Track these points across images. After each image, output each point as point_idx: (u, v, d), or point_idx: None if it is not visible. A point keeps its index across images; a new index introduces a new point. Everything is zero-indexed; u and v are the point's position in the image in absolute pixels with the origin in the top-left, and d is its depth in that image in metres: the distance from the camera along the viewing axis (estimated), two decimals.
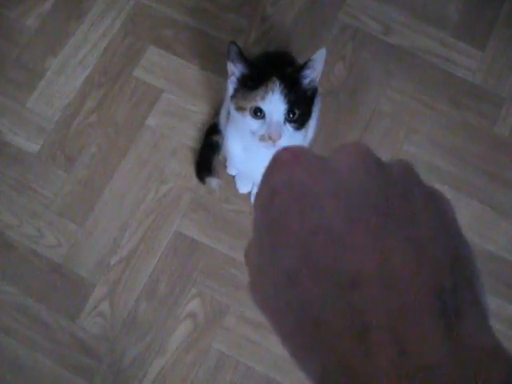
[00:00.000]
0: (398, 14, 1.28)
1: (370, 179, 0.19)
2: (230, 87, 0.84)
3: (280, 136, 0.78)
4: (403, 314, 0.16)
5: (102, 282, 1.15)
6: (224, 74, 1.22)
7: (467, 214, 1.18)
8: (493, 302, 1.14)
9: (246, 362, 1.11)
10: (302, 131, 0.84)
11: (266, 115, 0.79)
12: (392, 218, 0.18)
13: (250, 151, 0.90)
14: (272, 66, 0.89)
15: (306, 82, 0.82)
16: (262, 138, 0.80)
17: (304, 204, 0.19)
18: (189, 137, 1.22)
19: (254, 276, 0.22)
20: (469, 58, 1.26)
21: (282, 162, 0.21)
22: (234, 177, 1.19)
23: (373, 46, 1.27)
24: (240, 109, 0.81)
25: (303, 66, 0.80)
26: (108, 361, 1.12)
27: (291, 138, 0.81)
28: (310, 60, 0.80)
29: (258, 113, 0.80)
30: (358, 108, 1.23)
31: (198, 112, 1.23)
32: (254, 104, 0.79)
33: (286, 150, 0.21)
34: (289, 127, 0.80)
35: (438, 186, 1.19)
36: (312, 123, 0.90)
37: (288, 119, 0.80)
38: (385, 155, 1.20)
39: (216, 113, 1.20)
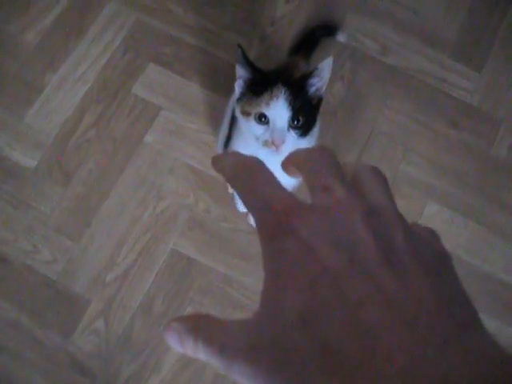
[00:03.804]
0: (396, 35, 1.29)
1: (361, 220, 0.21)
2: (237, 90, 0.84)
3: (283, 142, 0.79)
4: (408, 329, 0.17)
5: (98, 299, 1.15)
6: (223, 93, 1.23)
7: (464, 235, 1.18)
8: (490, 324, 1.13)
9: None
10: (307, 138, 0.84)
11: (270, 121, 0.80)
12: (387, 254, 0.20)
13: None
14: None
15: (311, 90, 0.82)
16: (266, 144, 0.80)
17: (306, 251, 0.20)
18: (187, 154, 1.22)
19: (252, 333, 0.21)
20: (466, 79, 1.27)
21: (281, 212, 0.22)
22: (232, 195, 1.19)
23: (371, 66, 1.27)
24: (245, 113, 0.82)
25: (310, 74, 0.80)
26: (102, 379, 1.11)
27: (295, 144, 0.81)
28: (316, 68, 0.80)
29: (262, 118, 0.80)
30: (356, 127, 1.24)
31: (197, 130, 1.23)
32: (258, 110, 0.79)
33: (280, 199, 0.22)
34: (293, 134, 0.80)
35: (435, 206, 1.20)
36: (316, 131, 0.90)
37: (292, 126, 0.80)
38: None
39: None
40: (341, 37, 1.26)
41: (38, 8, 1.31)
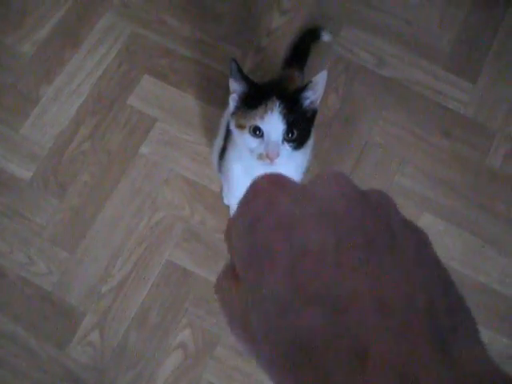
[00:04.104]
0: (391, 47, 1.30)
1: (351, 205, 0.19)
2: (231, 104, 0.84)
3: (277, 155, 0.79)
4: (400, 337, 0.16)
5: (93, 310, 1.14)
6: (218, 105, 1.24)
7: (459, 246, 1.18)
8: (485, 335, 1.13)
9: None
10: (302, 151, 0.84)
11: (265, 134, 0.80)
12: (377, 243, 0.18)
13: (251, 172, 0.90)
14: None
15: (306, 103, 0.82)
16: (260, 157, 0.80)
17: (288, 228, 0.18)
18: (182, 166, 1.22)
19: (234, 310, 0.21)
20: (460, 90, 1.28)
21: (262, 188, 0.20)
22: (228, 207, 1.19)
23: (366, 77, 1.28)
24: (240, 126, 0.82)
25: (304, 88, 0.81)
26: None
27: (290, 157, 0.82)
28: (310, 82, 0.80)
29: (256, 131, 0.80)
30: (351, 139, 1.24)
31: (192, 141, 1.24)
32: (253, 123, 0.80)
33: (264, 176, 0.21)
34: (287, 147, 0.81)
35: (429, 217, 1.20)
36: (311, 143, 0.90)
37: (286, 139, 0.80)
38: (377, 186, 1.21)
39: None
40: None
41: (33, 19, 1.31)
